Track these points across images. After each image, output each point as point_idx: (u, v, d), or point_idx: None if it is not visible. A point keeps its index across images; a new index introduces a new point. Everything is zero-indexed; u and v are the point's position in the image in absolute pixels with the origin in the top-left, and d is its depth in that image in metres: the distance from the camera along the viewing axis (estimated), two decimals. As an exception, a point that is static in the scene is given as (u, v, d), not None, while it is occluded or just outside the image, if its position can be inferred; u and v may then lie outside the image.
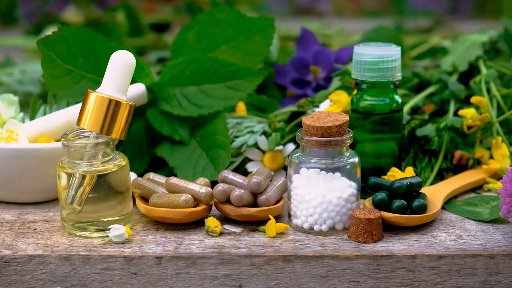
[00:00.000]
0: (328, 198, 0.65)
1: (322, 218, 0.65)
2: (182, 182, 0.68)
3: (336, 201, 0.65)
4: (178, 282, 0.63)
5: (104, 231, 0.66)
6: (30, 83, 1.05)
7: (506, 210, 0.64)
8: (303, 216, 0.66)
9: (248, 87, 0.79)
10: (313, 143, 0.65)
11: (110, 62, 0.66)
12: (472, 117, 0.77)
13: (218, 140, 0.76)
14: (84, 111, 0.66)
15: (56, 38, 0.74)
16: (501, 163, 0.76)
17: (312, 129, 0.64)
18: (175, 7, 1.60)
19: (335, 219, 0.65)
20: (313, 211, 0.65)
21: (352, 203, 0.66)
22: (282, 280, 0.63)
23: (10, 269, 0.62)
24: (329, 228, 0.66)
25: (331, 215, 0.65)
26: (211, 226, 0.66)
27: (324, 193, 0.65)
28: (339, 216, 0.65)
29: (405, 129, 0.78)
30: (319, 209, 0.65)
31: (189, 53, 0.81)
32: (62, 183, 0.66)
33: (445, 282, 0.63)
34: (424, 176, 0.77)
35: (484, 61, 0.89)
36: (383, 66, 0.71)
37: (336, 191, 0.65)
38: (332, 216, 0.65)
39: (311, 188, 0.65)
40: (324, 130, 0.64)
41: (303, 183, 0.66)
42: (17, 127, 0.72)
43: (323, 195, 0.65)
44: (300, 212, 0.66)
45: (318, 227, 0.66)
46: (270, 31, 0.83)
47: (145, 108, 0.79)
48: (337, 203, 0.65)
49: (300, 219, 0.66)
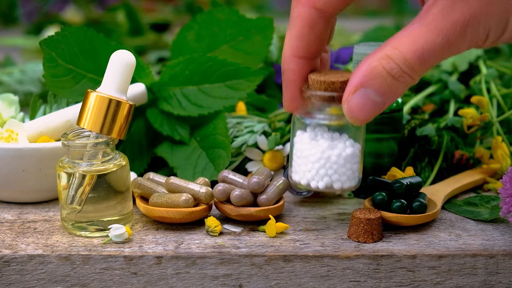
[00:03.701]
0: (327, 155, 0.63)
1: (320, 175, 0.63)
2: (182, 181, 0.68)
3: (335, 158, 0.63)
4: (178, 282, 0.63)
5: (104, 231, 0.66)
6: (30, 83, 1.05)
7: (506, 210, 0.64)
8: (301, 172, 0.64)
9: (248, 86, 0.79)
10: (316, 98, 0.62)
11: (110, 62, 0.66)
12: (472, 116, 0.77)
13: (218, 140, 0.76)
14: (84, 111, 0.66)
15: (58, 38, 0.74)
16: (501, 163, 0.76)
17: (316, 83, 0.62)
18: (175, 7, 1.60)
19: (332, 177, 0.63)
20: (311, 167, 0.63)
21: (352, 164, 0.64)
22: (282, 280, 0.63)
23: (10, 269, 0.62)
24: (326, 187, 0.63)
25: (328, 172, 0.63)
26: (211, 225, 0.66)
27: (324, 150, 0.63)
28: (337, 175, 0.63)
29: (405, 129, 0.78)
30: (317, 165, 0.63)
31: (189, 53, 0.81)
32: (62, 182, 0.66)
33: (445, 282, 0.63)
34: (424, 176, 0.77)
35: (484, 61, 0.89)
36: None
37: (336, 149, 0.63)
38: (330, 173, 0.63)
39: (311, 144, 0.63)
40: (328, 84, 0.61)
41: (304, 138, 0.64)
42: (17, 126, 0.72)
43: (322, 151, 0.63)
44: (299, 168, 0.64)
45: (315, 183, 0.63)
46: (269, 31, 0.83)
47: (145, 108, 0.79)
48: (336, 160, 0.63)
49: (298, 174, 0.64)
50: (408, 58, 0.55)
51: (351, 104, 0.57)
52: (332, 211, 0.71)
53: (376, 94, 0.56)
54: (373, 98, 0.56)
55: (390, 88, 0.56)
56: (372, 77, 0.56)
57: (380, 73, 0.55)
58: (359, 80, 0.56)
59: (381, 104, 0.57)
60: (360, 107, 0.57)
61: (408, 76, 0.55)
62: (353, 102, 0.57)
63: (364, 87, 0.56)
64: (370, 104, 0.57)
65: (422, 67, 0.55)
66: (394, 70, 0.55)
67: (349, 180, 0.64)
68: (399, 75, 0.55)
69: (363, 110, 0.57)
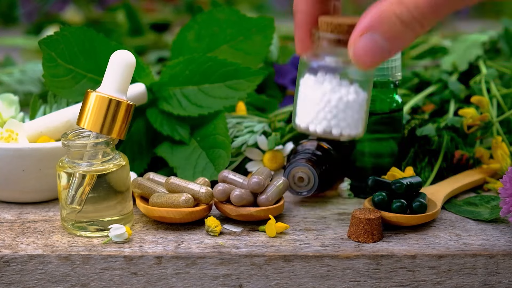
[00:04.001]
0: (328, 98, 0.61)
1: (318, 118, 0.61)
2: (182, 181, 0.68)
3: (335, 102, 0.61)
4: (178, 282, 0.63)
5: (104, 231, 0.66)
6: (30, 83, 1.05)
7: (506, 210, 0.64)
8: (302, 115, 0.62)
9: (248, 86, 0.79)
10: (323, 40, 0.61)
11: (110, 62, 0.66)
12: (472, 116, 0.77)
13: (218, 140, 0.76)
14: (84, 111, 0.66)
15: (57, 38, 0.74)
16: (501, 163, 0.76)
17: (324, 24, 0.61)
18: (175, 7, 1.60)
19: (331, 121, 0.61)
20: (310, 109, 0.61)
21: (354, 111, 0.61)
22: (282, 280, 0.63)
23: (10, 269, 0.62)
24: (324, 131, 0.61)
25: (327, 116, 0.61)
26: (211, 225, 0.66)
27: (325, 92, 0.61)
28: (336, 120, 0.61)
29: (405, 129, 0.78)
30: (316, 107, 0.61)
31: (189, 53, 0.81)
32: (62, 182, 0.66)
33: (445, 282, 0.63)
34: (424, 176, 0.77)
35: (484, 61, 0.89)
36: (383, 65, 0.72)
37: (338, 93, 0.61)
38: (329, 118, 0.61)
39: (315, 86, 0.61)
40: (335, 26, 0.60)
41: (310, 81, 0.62)
42: (17, 126, 0.72)
43: (323, 94, 0.61)
44: (300, 110, 0.62)
45: (313, 127, 0.61)
46: (270, 31, 0.83)
47: (145, 108, 0.79)
48: (336, 104, 0.61)
49: (299, 117, 0.62)
50: (420, 4, 0.54)
51: (356, 48, 0.56)
52: (332, 211, 0.71)
53: (383, 39, 0.55)
54: (380, 43, 0.55)
55: (398, 35, 0.55)
56: (380, 21, 0.55)
57: (389, 18, 0.55)
58: (367, 24, 0.55)
59: (387, 51, 0.56)
60: (365, 51, 0.56)
61: (418, 24, 0.54)
62: (359, 46, 0.56)
63: (372, 31, 0.55)
64: (376, 49, 0.56)
65: (434, 15, 0.54)
66: (404, 16, 0.54)
67: (349, 128, 0.61)
68: (409, 21, 0.54)
69: (368, 55, 0.56)
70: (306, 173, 0.72)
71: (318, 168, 0.72)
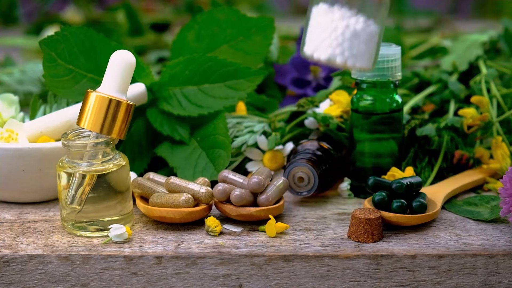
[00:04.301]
0: (335, 25, 0.60)
1: (324, 45, 0.60)
2: (182, 181, 0.68)
3: (341, 30, 0.60)
4: (178, 282, 0.63)
5: (104, 231, 0.66)
6: (30, 83, 1.05)
7: (506, 210, 0.64)
8: (309, 41, 0.61)
9: (248, 86, 0.79)
10: None
11: (110, 62, 0.66)
12: (472, 116, 0.77)
13: (218, 140, 0.76)
14: (84, 111, 0.66)
15: (57, 38, 0.74)
16: (501, 163, 0.76)
17: None
18: (175, 7, 1.60)
19: (336, 49, 0.60)
20: (317, 36, 0.61)
21: (361, 42, 0.60)
22: (282, 280, 0.63)
23: (10, 269, 0.62)
24: (328, 59, 0.60)
25: (332, 43, 0.60)
26: (211, 225, 0.66)
27: (333, 19, 0.60)
28: (340, 48, 0.60)
29: (405, 129, 0.78)
30: (323, 34, 0.60)
31: (189, 53, 0.81)
32: (62, 182, 0.66)
33: (445, 282, 0.63)
34: (424, 176, 0.77)
35: (484, 61, 0.89)
36: (383, 65, 0.71)
37: (345, 21, 0.60)
38: (333, 45, 0.60)
39: (326, 14, 0.60)
40: None
41: (321, 10, 0.61)
42: (17, 126, 0.72)
43: (331, 20, 0.60)
44: (309, 37, 0.61)
45: (318, 54, 0.61)
46: (270, 31, 0.83)
47: (145, 108, 0.79)
48: (342, 32, 0.60)
49: (306, 44, 0.61)
50: None
51: None
52: (332, 211, 0.71)
53: None
54: None
55: None
56: None
57: None
58: None
59: None
60: None
61: None
62: None
63: None
64: None
65: None
66: None
67: (354, 58, 0.60)
68: None
69: None
70: (306, 173, 0.72)
71: (318, 168, 0.72)
